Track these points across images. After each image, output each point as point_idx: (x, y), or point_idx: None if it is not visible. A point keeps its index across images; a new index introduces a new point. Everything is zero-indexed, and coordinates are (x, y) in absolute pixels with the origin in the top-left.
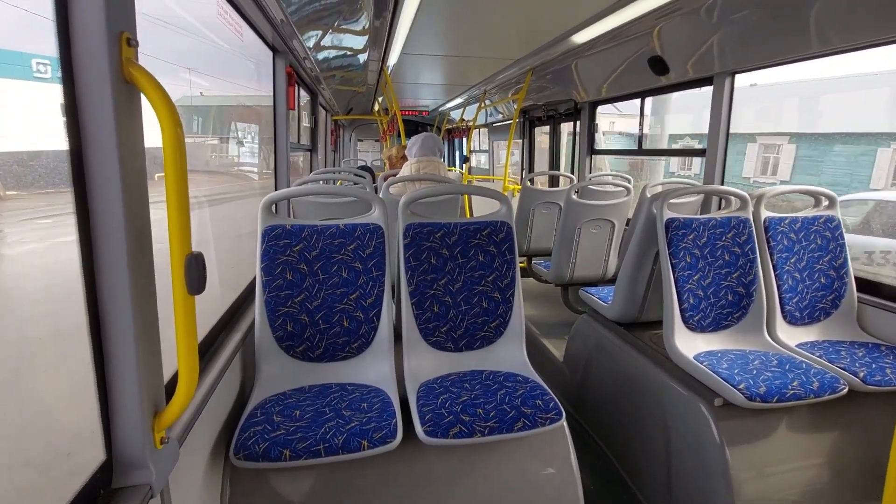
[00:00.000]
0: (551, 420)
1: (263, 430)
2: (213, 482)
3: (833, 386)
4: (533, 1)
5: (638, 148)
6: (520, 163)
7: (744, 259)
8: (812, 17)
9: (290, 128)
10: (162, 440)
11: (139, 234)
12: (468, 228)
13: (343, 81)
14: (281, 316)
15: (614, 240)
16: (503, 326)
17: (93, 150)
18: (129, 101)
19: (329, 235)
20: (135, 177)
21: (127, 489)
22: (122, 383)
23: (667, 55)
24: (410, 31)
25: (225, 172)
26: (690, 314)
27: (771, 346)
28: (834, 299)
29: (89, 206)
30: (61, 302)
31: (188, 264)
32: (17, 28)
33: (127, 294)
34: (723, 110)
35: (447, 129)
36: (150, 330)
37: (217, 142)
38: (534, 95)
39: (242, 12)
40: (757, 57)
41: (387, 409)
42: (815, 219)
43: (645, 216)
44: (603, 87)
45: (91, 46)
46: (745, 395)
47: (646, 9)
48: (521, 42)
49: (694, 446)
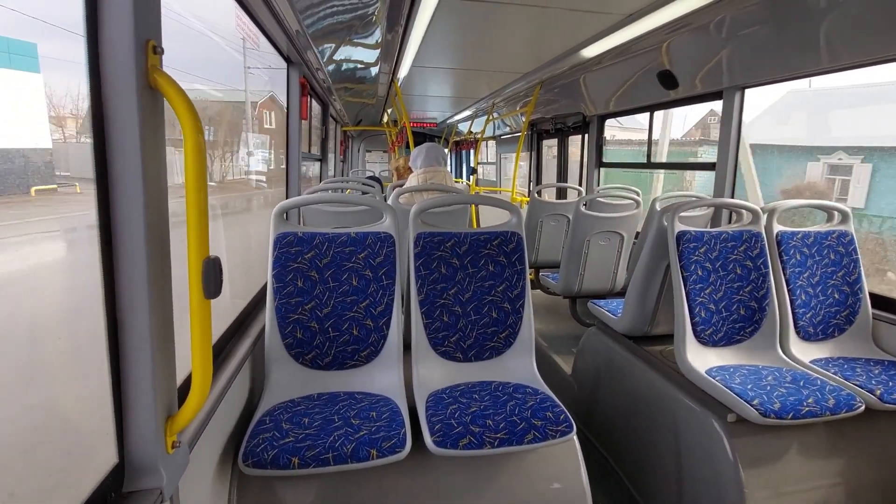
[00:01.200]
0: (562, 433)
1: (272, 438)
2: (220, 489)
3: (850, 403)
4: (543, 16)
5: (647, 161)
6: (527, 175)
7: (756, 273)
8: (822, 32)
9: (301, 137)
10: (173, 444)
11: (158, 239)
12: (479, 238)
13: (354, 93)
14: (291, 323)
15: (623, 252)
16: (513, 337)
17: (117, 153)
18: (153, 106)
19: (340, 243)
20: (156, 181)
21: (138, 493)
22: (137, 386)
23: (676, 69)
24: (421, 44)
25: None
26: (702, 328)
27: (784, 361)
28: (848, 315)
29: (111, 210)
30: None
31: (206, 268)
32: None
33: (145, 297)
34: (733, 124)
35: (455, 141)
36: (166, 333)
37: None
38: (542, 108)
39: (259, 23)
40: (767, 72)
41: (396, 419)
42: (828, 234)
43: (656, 228)
44: (611, 101)
45: (119, 53)
46: (759, 410)
47: (655, 24)
48: (530, 56)
49: (706, 463)
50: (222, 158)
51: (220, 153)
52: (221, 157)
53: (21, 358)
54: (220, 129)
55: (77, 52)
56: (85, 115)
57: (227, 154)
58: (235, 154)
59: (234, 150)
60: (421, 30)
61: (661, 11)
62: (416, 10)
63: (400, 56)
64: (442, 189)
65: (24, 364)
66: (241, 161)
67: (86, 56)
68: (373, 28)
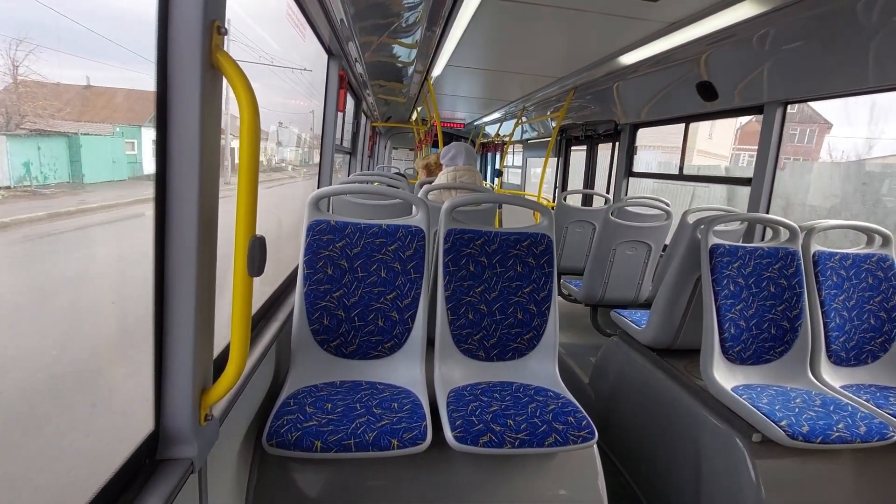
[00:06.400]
0: (584, 439)
1: (296, 420)
2: (243, 465)
3: (882, 432)
4: (582, 20)
5: (679, 173)
6: (553, 180)
7: (790, 292)
8: (871, 50)
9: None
10: (206, 417)
11: (209, 216)
12: (509, 238)
13: (386, 89)
14: (318, 309)
15: (650, 263)
16: (536, 340)
17: (177, 130)
18: (213, 85)
19: (371, 234)
20: (210, 160)
21: (170, 462)
22: (178, 358)
23: (716, 81)
24: (459, 44)
25: None
26: (731, 344)
27: (814, 384)
28: (883, 342)
29: (167, 185)
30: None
31: (251, 247)
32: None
33: (192, 272)
34: (773, 139)
35: (481, 143)
36: (208, 308)
37: None
38: (573, 114)
39: (306, 12)
40: (810, 88)
41: (417, 411)
42: (867, 256)
43: (688, 240)
44: (645, 110)
45: (187, 33)
46: (786, 432)
47: (698, 34)
48: (566, 60)
49: (727, 483)
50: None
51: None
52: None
53: None
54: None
55: None
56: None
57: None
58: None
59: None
60: (460, 29)
61: (704, 22)
62: (457, 8)
63: (436, 54)
64: (471, 188)
65: None
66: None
67: (155, 34)
68: (414, 27)
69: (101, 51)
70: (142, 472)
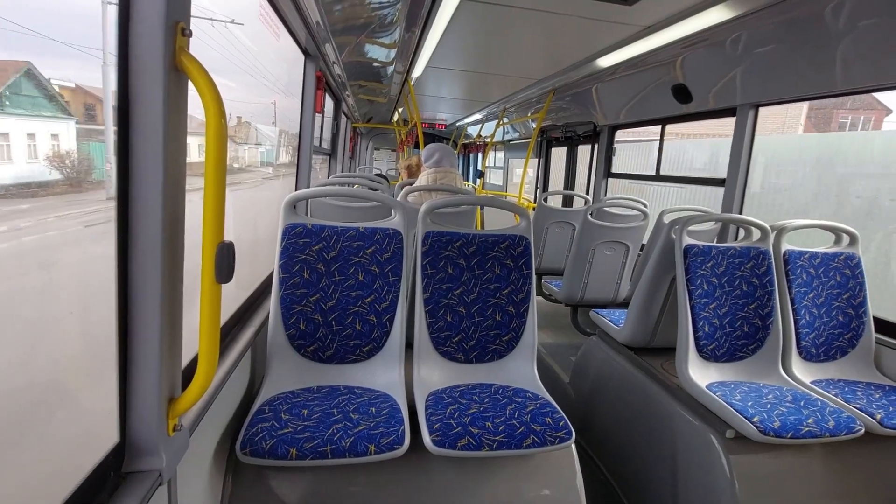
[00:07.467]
0: (561, 439)
1: (271, 427)
2: (216, 475)
3: (849, 426)
4: (560, 23)
5: (655, 174)
6: (534, 181)
7: (762, 290)
8: (838, 54)
9: (314, 131)
10: (175, 427)
11: (174, 221)
12: (487, 240)
13: (367, 90)
14: (295, 314)
15: (628, 263)
16: (515, 341)
17: (140, 134)
18: (178, 88)
19: (348, 237)
20: (175, 163)
21: (137, 474)
22: (144, 367)
23: (690, 84)
24: (438, 45)
25: None
26: (705, 342)
27: (785, 381)
28: (851, 338)
29: (130, 190)
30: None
31: (219, 253)
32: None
33: (158, 278)
34: (745, 141)
35: (463, 144)
36: (175, 316)
37: None
38: (553, 115)
39: (280, 13)
40: (781, 90)
41: (395, 416)
42: (835, 255)
43: (663, 241)
44: (623, 112)
45: (149, 33)
46: (758, 428)
47: (673, 37)
48: (545, 62)
49: (702, 478)
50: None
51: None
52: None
53: None
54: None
55: None
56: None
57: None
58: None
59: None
60: (439, 30)
61: (679, 25)
62: (435, 10)
63: (416, 55)
64: (451, 190)
65: None
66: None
67: (116, 36)
68: (392, 26)
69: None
70: (107, 485)
